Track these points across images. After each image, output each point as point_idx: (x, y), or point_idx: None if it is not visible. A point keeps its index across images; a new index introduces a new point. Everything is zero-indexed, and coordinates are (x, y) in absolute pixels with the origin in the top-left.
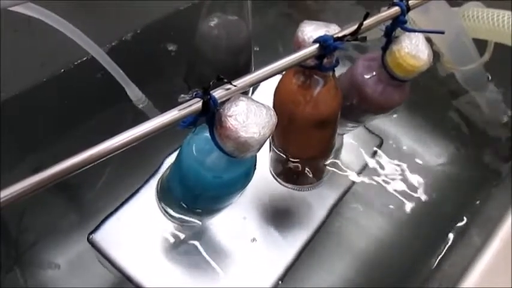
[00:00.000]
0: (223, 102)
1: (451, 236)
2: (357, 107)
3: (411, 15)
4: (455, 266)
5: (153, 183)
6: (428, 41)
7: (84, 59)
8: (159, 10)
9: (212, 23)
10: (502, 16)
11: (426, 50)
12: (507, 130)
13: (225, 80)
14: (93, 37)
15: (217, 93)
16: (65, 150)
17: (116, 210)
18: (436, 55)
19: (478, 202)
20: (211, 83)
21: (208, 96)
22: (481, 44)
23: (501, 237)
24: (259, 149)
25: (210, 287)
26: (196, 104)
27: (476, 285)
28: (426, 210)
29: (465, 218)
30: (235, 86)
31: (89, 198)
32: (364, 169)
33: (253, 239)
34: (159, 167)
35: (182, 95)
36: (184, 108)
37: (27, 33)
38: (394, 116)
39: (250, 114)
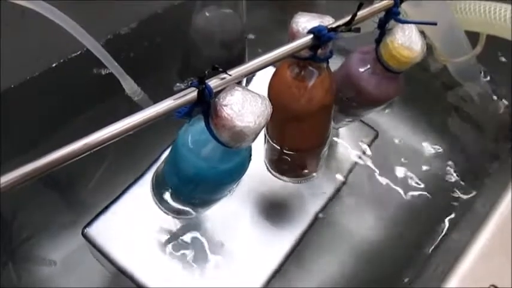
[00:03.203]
0: (219, 92)
1: (446, 224)
2: (352, 100)
3: (404, 8)
4: (451, 252)
5: (148, 177)
6: (421, 33)
7: (80, 52)
8: (155, 4)
9: (206, 17)
10: (494, 8)
11: (419, 41)
12: (501, 120)
13: (220, 70)
14: (88, 30)
15: (213, 82)
16: (60, 143)
17: (111, 204)
18: (429, 48)
19: (472, 193)
20: (206, 72)
21: (204, 86)
22: (473, 37)
23: (496, 222)
24: (254, 139)
25: (205, 280)
26: (192, 94)
27: (472, 267)
28: (420, 201)
29: (459, 209)
30: (230, 75)
31: (83, 193)
32: (359, 162)
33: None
34: (155, 161)
35: (178, 84)
36: (179, 97)
37: (21, 26)
38: (388, 110)
39: (246, 103)
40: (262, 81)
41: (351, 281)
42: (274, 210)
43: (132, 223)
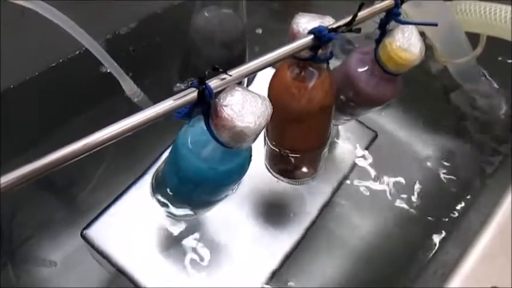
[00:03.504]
0: (219, 93)
1: (446, 225)
2: (350, 100)
3: (404, 8)
4: (452, 252)
5: (148, 178)
6: (422, 34)
7: (79, 52)
8: (154, 4)
9: (206, 17)
10: (495, 9)
11: (418, 43)
12: (501, 120)
13: (221, 70)
14: (87, 30)
15: (213, 83)
16: (60, 143)
17: (110, 205)
18: (429, 49)
19: (473, 193)
20: (206, 72)
21: (204, 86)
22: (473, 38)
23: (498, 222)
24: (254, 140)
25: (205, 280)
26: (192, 94)
27: (474, 268)
28: (421, 201)
29: (460, 209)
30: (230, 75)
31: (83, 193)
32: (358, 162)
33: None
34: (154, 162)
35: (178, 84)
36: (179, 98)
37: (21, 26)
38: (388, 110)
39: (246, 104)
40: (263, 81)
41: (351, 281)
42: (274, 211)
43: (132, 224)
